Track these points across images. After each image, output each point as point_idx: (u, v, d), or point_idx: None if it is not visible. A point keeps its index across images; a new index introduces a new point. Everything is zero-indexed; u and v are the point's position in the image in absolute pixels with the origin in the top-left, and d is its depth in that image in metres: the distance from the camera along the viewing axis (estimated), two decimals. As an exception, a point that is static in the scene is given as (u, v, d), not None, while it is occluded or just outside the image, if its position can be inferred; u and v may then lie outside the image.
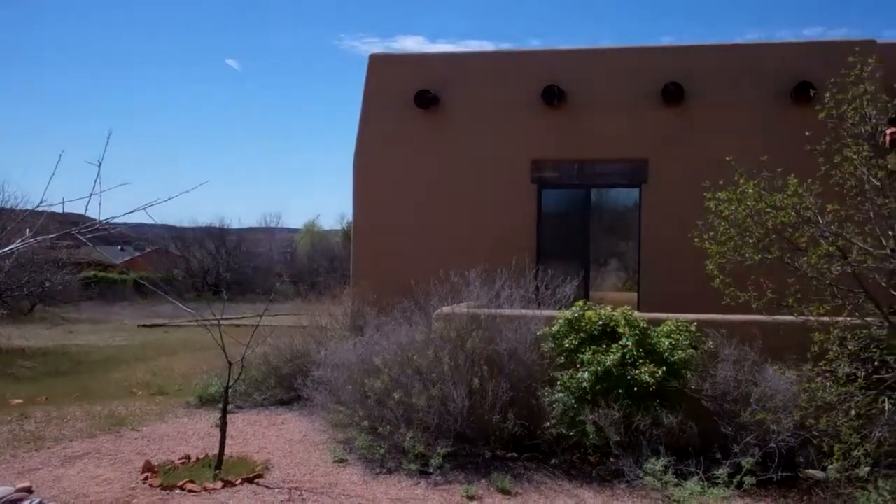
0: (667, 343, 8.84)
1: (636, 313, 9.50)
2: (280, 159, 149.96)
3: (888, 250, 7.31)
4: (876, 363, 7.85)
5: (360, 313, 12.90)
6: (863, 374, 7.62)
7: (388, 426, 9.03)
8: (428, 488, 8.25)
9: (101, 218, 5.13)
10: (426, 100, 14.89)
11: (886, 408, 7.46)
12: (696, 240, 7.98)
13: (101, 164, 4.95)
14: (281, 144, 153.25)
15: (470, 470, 8.78)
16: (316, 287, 22.44)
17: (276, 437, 10.41)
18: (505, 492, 8.10)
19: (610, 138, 14.33)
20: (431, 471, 8.64)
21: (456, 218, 14.74)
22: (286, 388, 12.51)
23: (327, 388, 10.27)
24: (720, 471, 8.02)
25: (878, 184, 7.31)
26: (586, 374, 8.73)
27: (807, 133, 7.80)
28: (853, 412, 7.46)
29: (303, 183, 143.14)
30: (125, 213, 5.18)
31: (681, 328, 9.08)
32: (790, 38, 20.51)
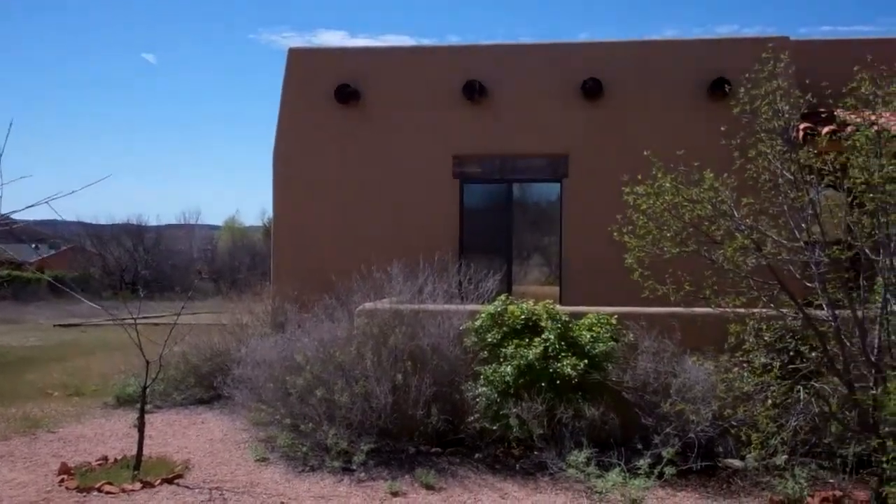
0: (588, 336, 8.93)
1: (558, 307, 9.58)
2: (199, 155, 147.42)
3: (801, 243, 7.47)
4: (791, 353, 8.02)
5: (281, 310, 12.76)
6: (778, 364, 7.78)
7: (311, 424, 8.95)
8: (351, 485, 8.19)
9: (2, 212, 4.98)
10: (346, 94, 14.79)
11: (801, 397, 7.63)
12: (615, 234, 8.06)
13: (0, 156, 4.80)
14: (200, 140, 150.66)
15: (394, 466, 8.75)
16: (237, 284, 22.12)
17: (197, 437, 10.24)
18: (429, 487, 8.08)
19: (531, 133, 14.42)
20: (355, 468, 8.58)
21: (378, 213, 14.69)
22: (206, 387, 12.33)
23: (248, 387, 10.13)
24: (641, 461, 8.13)
25: (791, 177, 7.45)
26: (509, 368, 8.77)
27: (722, 128, 7.93)
28: (770, 402, 7.60)
29: (223, 179, 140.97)
30: (26, 207, 5.03)
31: (602, 321, 9.17)
32: (705, 35, 20.96)
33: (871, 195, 7.18)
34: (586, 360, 8.66)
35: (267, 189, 16.60)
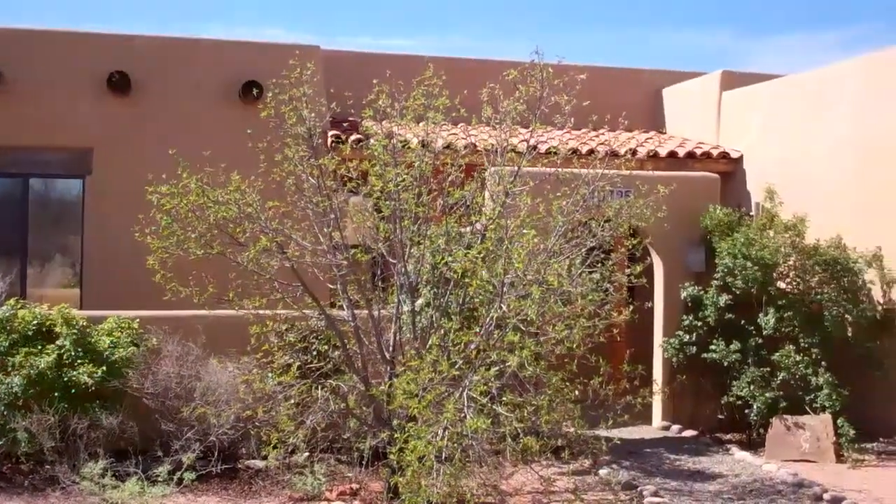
0: (108, 342, 8.60)
1: (75, 311, 9.09)
2: None
3: (325, 246, 7.75)
4: (315, 353, 8.31)
5: None
6: (298, 364, 8.01)
7: None
8: None
9: None
10: None
11: (321, 395, 7.91)
12: (137, 234, 7.79)
13: None
14: None
15: None
16: None
17: None
18: (-86, 515, 7.25)
19: (50, 125, 13.41)
20: None
21: None
22: None
23: None
24: (160, 469, 7.94)
25: (315, 183, 7.71)
26: (18, 379, 8.14)
27: (248, 131, 8.00)
28: (292, 401, 7.79)
29: None
30: None
31: (123, 325, 8.89)
32: (252, 36, 21.23)
33: (388, 202, 7.66)
34: (105, 367, 8.30)
35: None
